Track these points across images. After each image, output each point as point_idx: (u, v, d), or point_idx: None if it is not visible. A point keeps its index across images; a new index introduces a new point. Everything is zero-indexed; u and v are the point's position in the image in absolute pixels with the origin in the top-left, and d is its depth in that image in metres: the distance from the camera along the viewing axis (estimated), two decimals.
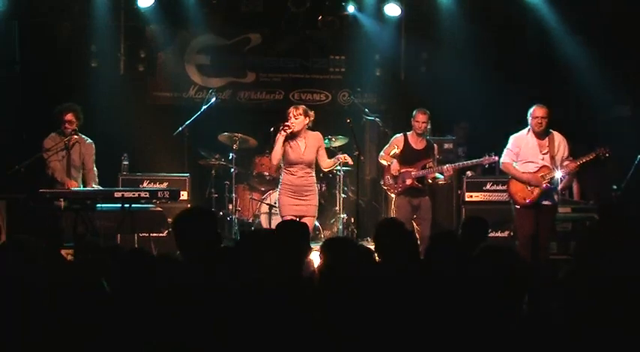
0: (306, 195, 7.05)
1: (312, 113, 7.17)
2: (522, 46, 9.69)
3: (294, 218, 7.01)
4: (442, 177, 7.76)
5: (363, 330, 3.24)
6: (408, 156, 7.80)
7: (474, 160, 7.87)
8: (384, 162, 7.87)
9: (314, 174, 7.22)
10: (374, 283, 3.47)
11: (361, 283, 3.45)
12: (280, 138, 6.98)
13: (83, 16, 9.35)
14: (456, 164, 7.89)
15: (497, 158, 7.55)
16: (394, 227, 4.54)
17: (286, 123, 6.99)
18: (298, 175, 7.04)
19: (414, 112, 7.80)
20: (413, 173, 7.73)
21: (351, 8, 9.61)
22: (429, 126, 7.94)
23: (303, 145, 7.05)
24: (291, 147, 7.03)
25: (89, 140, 7.56)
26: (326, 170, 7.55)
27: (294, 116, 7.03)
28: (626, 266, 3.94)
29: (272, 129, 7.15)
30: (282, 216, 7.10)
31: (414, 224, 7.71)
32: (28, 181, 7.03)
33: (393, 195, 7.85)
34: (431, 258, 4.21)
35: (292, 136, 7.04)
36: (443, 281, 3.70)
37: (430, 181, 7.82)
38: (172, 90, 10.00)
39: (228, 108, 9.69)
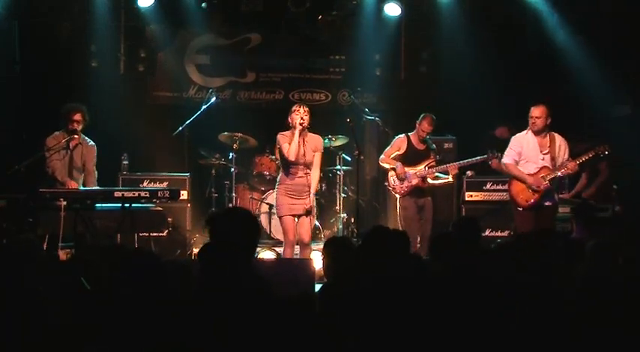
0: (304, 195, 7.05)
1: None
2: (522, 46, 9.69)
3: (293, 217, 7.01)
4: (447, 176, 7.78)
5: (367, 331, 3.24)
6: (411, 157, 7.83)
7: (478, 158, 7.88)
8: (386, 166, 7.89)
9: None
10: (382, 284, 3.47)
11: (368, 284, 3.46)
12: (297, 132, 6.95)
13: (83, 16, 9.34)
14: (460, 162, 7.91)
15: (499, 155, 7.56)
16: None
17: (302, 119, 6.97)
18: (298, 175, 7.03)
19: (422, 117, 7.81)
20: (418, 173, 7.76)
21: None
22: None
23: (303, 146, 7.03)
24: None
25: (91, 142, 7.56)
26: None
27: (305, 113, 7.01)
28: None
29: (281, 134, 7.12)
30: (280, 216, 7.08)
31: None
32: (28, 181, 7.03)
33: (397, 196, 7.86)
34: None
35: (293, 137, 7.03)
36: (445, 282, 3.70)
37: (436, 183, 7.84)
38: (172, 90, 9.99)
39: (228, 108, 9.68)
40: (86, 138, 7.53)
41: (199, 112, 8.84)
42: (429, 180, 7.86)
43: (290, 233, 7.00)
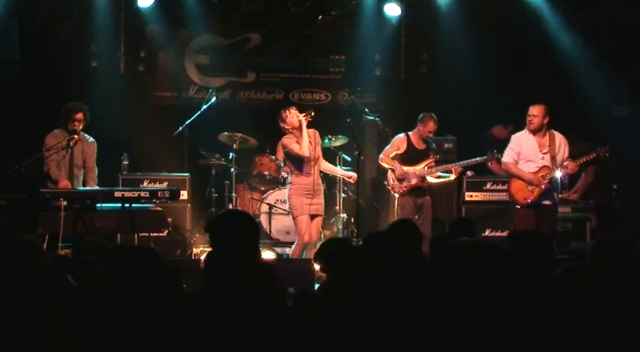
0: (318, 195, 7.08)
1: None
2: (522, 46, 9.69)
3: (309, 217, 7.00)
4: (449, 175, 7.82)
5: (365, 330, 3.24)
6: (411, 156, 7.84)
7: (477, 158, 7.90)
8: (386, 165, 7.90)
9: None
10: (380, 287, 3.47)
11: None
12: (305, 128, 6.93)
13: (83, 16, 9.35)
14: (461, 162, 7.92)
15: (499, 156, 7.58)
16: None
17: (304, 117, 6.97)
18: (311, 174, 7.04)
19: (425, 118, 7.81)
20: (418, 173, 7.77)
21: None
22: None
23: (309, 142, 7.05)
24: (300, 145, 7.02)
25: (91, 139, 7.58)
26: (323, 170, 7.47)
27: (297, 112, 7.05)
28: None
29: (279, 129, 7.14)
30: (296, 216, 7.05)
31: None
32: (28, 181, 7.03)
33: (396, 195, 7.87)
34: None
35: (297, 135, 7.03)
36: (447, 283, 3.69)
37: (435, 181, 7.86)
38: (172, 90, 9.99)
39: (228, 108, 9.68)
40: (85, 134, 7.54)
41: (199, 112, 8.85)
42: (430, 179, 7.87)
43: (306, 234, 6.98)
